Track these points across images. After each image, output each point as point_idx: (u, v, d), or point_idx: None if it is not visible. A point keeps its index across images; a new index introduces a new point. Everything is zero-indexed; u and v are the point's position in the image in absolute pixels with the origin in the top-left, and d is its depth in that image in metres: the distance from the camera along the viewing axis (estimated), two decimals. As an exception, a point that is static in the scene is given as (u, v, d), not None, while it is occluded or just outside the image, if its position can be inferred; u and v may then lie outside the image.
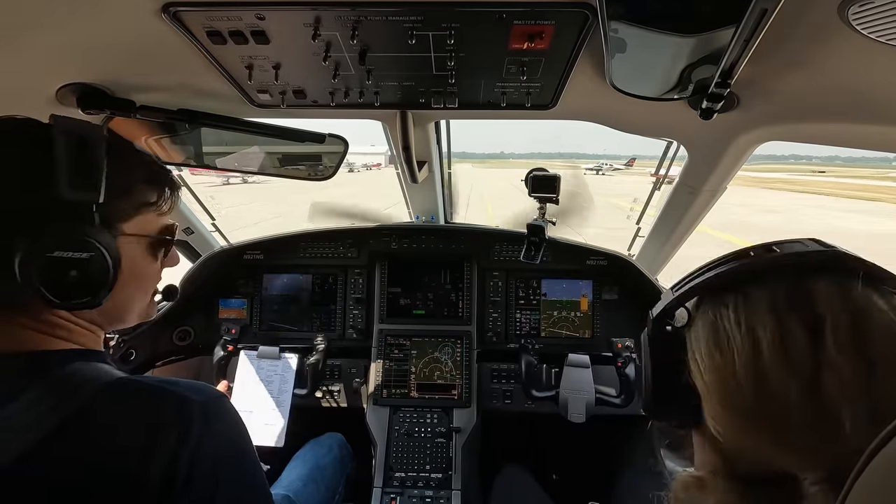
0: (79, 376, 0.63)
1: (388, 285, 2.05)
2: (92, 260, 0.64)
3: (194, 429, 0.61)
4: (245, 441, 0.70)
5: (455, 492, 1.68)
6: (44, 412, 0.57)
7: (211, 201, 2.14)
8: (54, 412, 0.57)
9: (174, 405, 0.62)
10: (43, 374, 0.61)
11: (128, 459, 0.57)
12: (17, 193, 0.63)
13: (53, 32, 0.82)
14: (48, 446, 0.55)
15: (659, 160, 1.73)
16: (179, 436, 0.59)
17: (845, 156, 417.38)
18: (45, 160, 0.61)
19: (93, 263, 0.65)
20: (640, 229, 2.04)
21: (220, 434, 0.65)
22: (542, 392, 1.72)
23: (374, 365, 1.95)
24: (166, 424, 0.60)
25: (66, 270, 0.62)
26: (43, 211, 0.63)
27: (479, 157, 47.66)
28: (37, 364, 0.63)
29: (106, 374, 0.65)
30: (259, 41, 0.85)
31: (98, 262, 0.65)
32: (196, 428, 0.61)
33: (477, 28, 0.82)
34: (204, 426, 0.62)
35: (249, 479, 0.69)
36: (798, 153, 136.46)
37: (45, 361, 0.64)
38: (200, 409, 0.63)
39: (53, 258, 0.61)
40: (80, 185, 0.63)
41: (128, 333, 1.74)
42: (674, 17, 0.67)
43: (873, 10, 0.56)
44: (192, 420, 0.61)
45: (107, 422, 0.60)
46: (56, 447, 0.56)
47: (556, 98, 1.10)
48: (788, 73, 0.85)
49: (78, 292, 0.65)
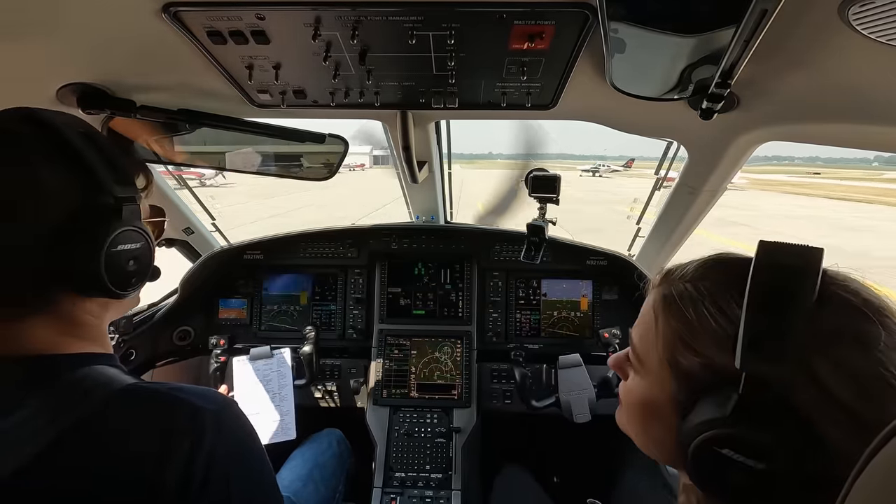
0: (89, 381, 0.62)
1: (388, 285, 2.05)
2: (142, 249, 0.72)
3: (207, 437, 0.61)
4: (256, 445, 0.70)
5: (455, 492, 1.68)
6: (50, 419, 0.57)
7: (211, 201, 2.14)
8: (63, 418, 0.57)
9: (187, 414, 0.62)
10: (50, 379, 0.61)
11: (143, 465, 0.57)
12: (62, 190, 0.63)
13: (54, 32, 0.82)
14: (54, 455, 0.55)
15: (659, 160, 1.73)
16: (193, 444, 0.60)
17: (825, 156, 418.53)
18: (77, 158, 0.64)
19: (143, 252, 0.72)
20: (640, 229, 2.04)
21: (232, 441, 0.65)
22: (541, 401, 1.72)
23: (374, 365, 1.95)
24: (179, 432, 0.60)
25: (127, 262, 0.69)
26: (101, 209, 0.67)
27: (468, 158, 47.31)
28: (42, 370, 0.62)
29: (117, 379, 0.65)
30: (259, 41, 0.85)
31: (146, 250, 0.73)
32: (209, 436, 0.61)
33: (477, 28, 0.82)
34: (216, 434, 0.62)
35: (260, 477, 0.70)
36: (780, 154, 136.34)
37: (52, 366, 0.63)
38: (213, 418, 0.63)
39: (116, 252, 0.67)
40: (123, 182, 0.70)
41: (128, 333, 1.74)
42: (674, 17, 0.67)
43: (873, 10, 0.56)
44: (204, 429, 0.61)
45: (120, 427, 0.60)
46: (64, 455, 0.56)
47: (557, 98, 1.10)
48: (788, 74, 0.85)
49: (133, 279, 0.72)
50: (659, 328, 0.58)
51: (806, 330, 0.45)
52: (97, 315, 0.72)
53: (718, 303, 0.52)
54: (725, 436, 0.46)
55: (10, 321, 0.63)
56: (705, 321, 0.52)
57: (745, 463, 0.45)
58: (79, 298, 0.68)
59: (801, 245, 0.48)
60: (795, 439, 0.44)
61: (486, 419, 1.92)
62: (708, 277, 0.55)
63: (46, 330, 0.65)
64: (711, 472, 0.49)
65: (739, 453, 0.46)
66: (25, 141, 0.62)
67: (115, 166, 0.68)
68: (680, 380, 0.54)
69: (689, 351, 0.53)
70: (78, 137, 0.65)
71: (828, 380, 0.45)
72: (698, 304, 0.53)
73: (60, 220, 0.62)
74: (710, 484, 0.49)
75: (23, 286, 0.63)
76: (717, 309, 0.52)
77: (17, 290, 0.63)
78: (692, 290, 0.55)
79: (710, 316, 0.52)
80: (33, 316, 0.64)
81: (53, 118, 0.65)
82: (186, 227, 1.92)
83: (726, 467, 0.46)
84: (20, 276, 0.62)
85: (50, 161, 0.62)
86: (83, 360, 0.66)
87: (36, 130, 0.63)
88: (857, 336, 0.46)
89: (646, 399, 0.60)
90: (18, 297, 0.63)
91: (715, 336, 0.51)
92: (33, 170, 0.61)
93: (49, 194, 0.62)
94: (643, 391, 0.61)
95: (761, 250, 0.48)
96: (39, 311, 0.65)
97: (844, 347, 0.46)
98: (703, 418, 0.48)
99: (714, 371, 0.50)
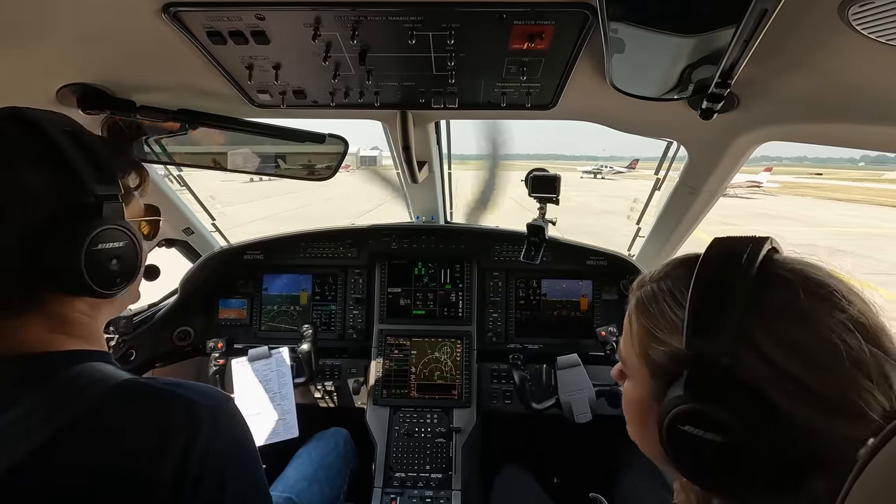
0: (85, 378, 0.63)
1: (388, 285, 2.05)
2: (126, 248, 0.71)
3: (203, 432, 0.61)
4: (250, 443, 0.71)
5: (455, 492, 1.68)
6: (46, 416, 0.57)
7: (211, 201, 2.14)
8: (58, 415, 0.57)
9: (183, 409, 0.62)
10: (46, 377, 0.61)
11: (138, 461, 0.58)
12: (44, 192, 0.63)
13: (54, 33, 0.82)
14: (49, 452, 0.55)
15: (659, 160, 1.73)
16: (188, 439, 0.60)
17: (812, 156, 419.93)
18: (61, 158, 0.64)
19: (127, 251, 0.71)
20: (640, 229, 2.04)
21: (227, 437, 0.65)
22: (541, 404, 1.72)
23: (374, 365, 1.95)
24: (175, 427, 0.60)
25: (109, 261, 0.68)
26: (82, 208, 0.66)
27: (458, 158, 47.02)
28: (38, 367, 0.63)
29: (112, 375, 0.65)
30: (259, 41, 0.85)
31: (131, 249, 0.72)
32: (204, 431, 0.61)
33: (477, 28, 0.82)
34: (212, 430, 0.62)
35: (253, 478, 0.70)
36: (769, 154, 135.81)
37: (48, 364, 0.63)
38: (209, 413, 0.63)
39: (97, 251, 0.66)
40: (106, 180, 0.68)
41: (128, 333, 1.74)
42: (674, 17, 0.67)
43: (873, 10, 0.56)
44: (200, 424, 0.62)
45: (115, 424, 0.60)
46: (59, 452, 0.56)
47: (556, 98, 1.10)
48: (788, 74, 0.85)
49: (118, 279, 0.71)
50: (633, 329, 0.63)
51: (748, 309, 0.49)
52: (89, 314, 0.72)
53: (675, 296, 0.57)
54: (683, 412, 0.50)
55: (2, 320, 0.63)
56: (666, 314, 0.57)
57: (704, 437, 0.48)
58: (67, 298, 0.68)
59: (747, 236, 0.54)
60: (748, 410, 0.47)
61: (486, 419, 1.92)
62: (669, 276, 0.60)
63: (38, 328, 0.65)
64: (682, 452, 0.52)
65: (699, 428, 0.49)
66: (10, 142, 0.62)
67: (98, 165, 0.67)
68: (654, 373, 0.58)
69: (657, 343, 0.57)
70: (62, 136, 0.64)
71: (772, 352, 0.48)
72: (660, 299, 0.59)
73: (42, 221, 0.62)
74: (685, 465, 0.53)
75: (9, 287, 0.63)
76: (674, 301, 0.57)
77: (4, 290, 0.63)
78: (656, 288, 0.60)
79: (669, 308, 0.57)
80: (24, 315, 0.65)
81: (40, 118, 0.64)
82: (186, 228, 1.92)
83: (692, 444, 0.50)
84: (6, 277, 0.62)
85: (33, 162, 0.62)
86: (79, 357, 0.66)
87: (22, 131, 0.63)
88: (800, 311, 0.49)
89: (634, 400, 0.64)
90: (5, 297, 0.63)
91: (674, 326, 0.55)
92: (17, 172, 0.61)
93: (32, 196, 0.62)
94: (632, 393, 0.65)
95: (711, 245, 0.55)
96: (28, 310, 0.65)
97: (786, 322, 0.49)
98: (668, 400, 0.53)
99: (677, 359, 0.54)
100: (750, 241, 0.53)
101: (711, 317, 0.49)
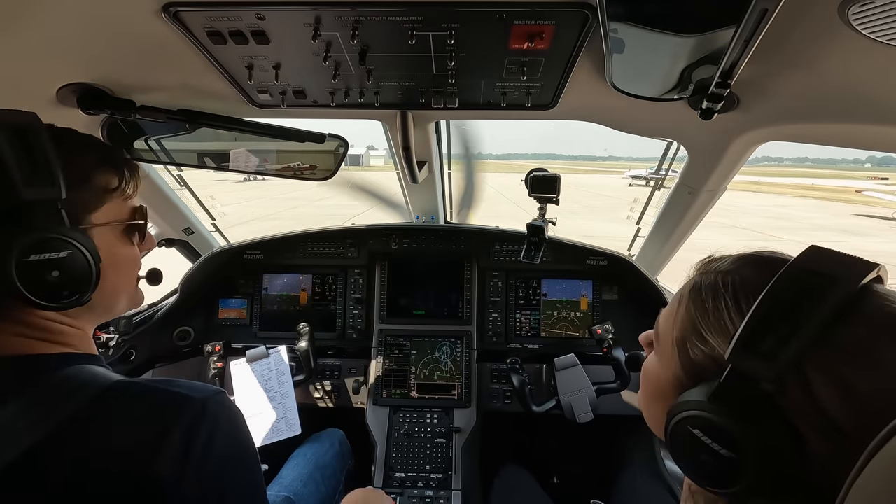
0: (74, 381, 0.62)
1: (388, 285, 2.05)
2: (70, 258, 0.64)
3: (196, 427, 0.61)
4: (244, 436, 0.70)
5: (455, 492, 1.68)
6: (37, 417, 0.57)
7: (211, 201, 2.14)
8: (50, 416, 0.57)
9: (176, 405, 0.62)
10: (33, 379, 0.61)
11: (131, 460, 0.57)
12: None
13: (54, 32, 0.82)
14: (42, 452, 0.55)
15: (659, 160, 1.73)
16: (182, 435, 0.60)
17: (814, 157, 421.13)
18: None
19: (72, 261, 0.64)
20: (640, 229, 2.04)
21: (221, 431, 0.65)
22: (541, 406, 1.72)
23: (374, 365, 1.95)
24: (169, 424, 0.60)
25: (47, 272, 0.62)
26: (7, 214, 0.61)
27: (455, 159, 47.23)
28: (26, 369, 0.62)
29: (103, 377, 0.64)
30: (259, 41, 0.85)
31: (78, 259, 0.65)
32: (198, 426, 0.61)
33: (477, 28, 0.82)
34: (205, 424, 0.62)
35: (249, 474, 0.69)
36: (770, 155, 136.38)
37: (36, 366, 0.63)
38: (202, 407, 0.63)
39: (31, 262, 0.61)
40: (39, 183, 0.62)
41: (128, 333, 1.74)
42: (674, 17, 0.67)
43: (873, 10, 0.56)
44: (193, 419, 0.61)
45: (107, 425, 0.60)
46: (53, 451, 0.56)
47: (557, 98, 1.10)
48: (789, 74, 0.85)
49: (64, 291, 0.65)
50: (679, 312, 0.58)
51: (815, 338, 0.42)
52: (64, 321, 0.70)
53: (738, 299, 0.51)
54: (699, 417, 0.48)
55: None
56: (721, 315, 0.52)
57: (711, 447, 0.47)
58: (25, 307, 0.64)
59: (852, 256, 0.45)
60: (772, 436, 0.44)
61: (486, 419, 1.92)
62: (738, 272, 0.54)
63: (18, 335, 0.65)
64: (683, 449, 0.51)
65: (708, 436, 0.47)
66: None
67: (36, 166, 0.61)
68: (685, 365, 0.55)
69: (699, 339, 0.53)
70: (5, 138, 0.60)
71: (823, 391, 0.43)
72: (719, 296, 0.53)
73: None
74: (683, 460, 0.52)
75: None
76: (734, 305, 0.51)
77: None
78: (719, 282, 0.54)
79: (727, 310, 0.51)
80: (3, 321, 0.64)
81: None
82: (186, 228, 1.92)
83: (698, 448, 0.48)
84: None
85: None
86: (69, 360, 0.66)
87: None
88: (876, 360, 0.42)
89: (655, 377, 0.61)
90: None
91: (724, 331, 0.51)
92: None
93: None
94: (655, 369, 0.61)
95: (804, 254, 0.47)
96: (5, 317, 0.64)
97: (855, 366, 0.43)
98: (687, 399, 0.50)
99: (715, 363, 0.51)
100: (851, 262, 0.45)
101: (770, 340, 0.44)
